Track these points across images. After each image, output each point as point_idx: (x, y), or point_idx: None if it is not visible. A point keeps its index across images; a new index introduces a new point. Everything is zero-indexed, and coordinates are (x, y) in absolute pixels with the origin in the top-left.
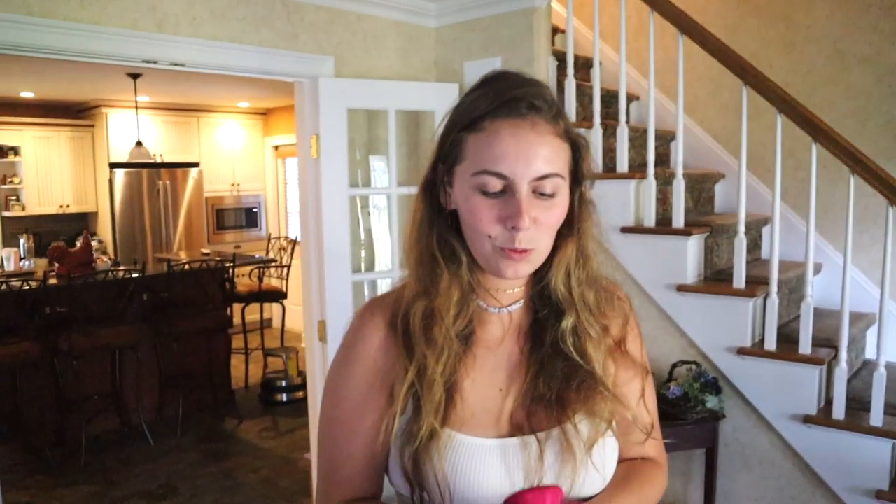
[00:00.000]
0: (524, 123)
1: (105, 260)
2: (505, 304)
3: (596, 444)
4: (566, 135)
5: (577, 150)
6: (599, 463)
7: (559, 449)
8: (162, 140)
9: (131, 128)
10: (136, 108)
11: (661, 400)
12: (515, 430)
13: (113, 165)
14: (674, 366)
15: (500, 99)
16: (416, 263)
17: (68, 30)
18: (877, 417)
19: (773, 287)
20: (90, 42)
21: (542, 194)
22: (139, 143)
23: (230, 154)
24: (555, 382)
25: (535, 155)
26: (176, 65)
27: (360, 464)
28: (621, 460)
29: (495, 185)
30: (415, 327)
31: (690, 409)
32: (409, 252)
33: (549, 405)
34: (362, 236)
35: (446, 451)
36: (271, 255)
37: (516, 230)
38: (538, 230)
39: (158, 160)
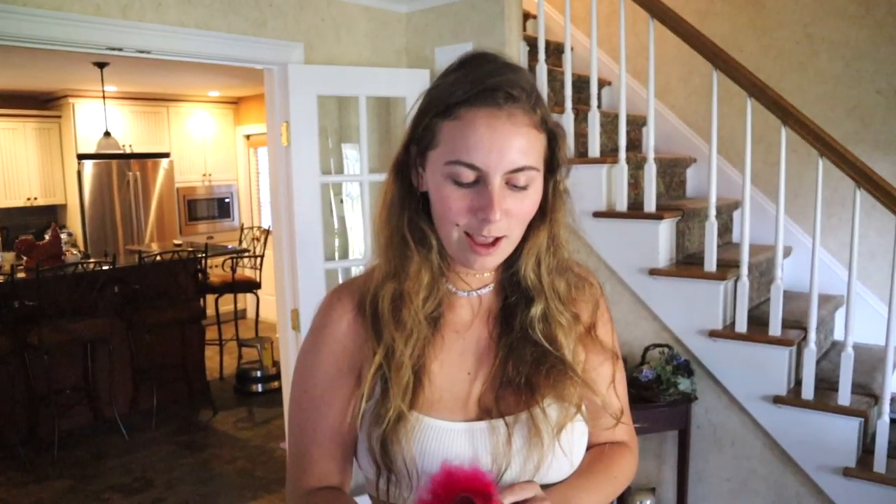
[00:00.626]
0: (501, 114)
1: (75, 252)
2: (475, 287)
3: (564, 428)
4: (543, 125)
5: (554, 140)
6: (567, 448)
7: (527, 433)
8: (131, 130)
9: (99, 118)
10: (104, 97)
11: (634, 383)
12: (483, 413)
13: (81, 157)
14: (646, 349)
15: (477, 87)
16: (385, 244)
17: (28, 16)
18: (844, 397)
19: (744, 270)
20: (51, 28)
21: (516, 186)
22: (107, 134)
23: (201, 144)
24: (524, 367)
25: (509, 147)
26: (142, 52)
27: (329, 447)
28: (592, 445)
29: (468, 175)
30: (383, 310)
31: (663, 392)
32: (379, 232)
33: (517, 389)
34: (335, 224)
35: (414, 434)
36: (244, 246)
37: (487, 222)
38: (510, 221)
39: (128, 151)
